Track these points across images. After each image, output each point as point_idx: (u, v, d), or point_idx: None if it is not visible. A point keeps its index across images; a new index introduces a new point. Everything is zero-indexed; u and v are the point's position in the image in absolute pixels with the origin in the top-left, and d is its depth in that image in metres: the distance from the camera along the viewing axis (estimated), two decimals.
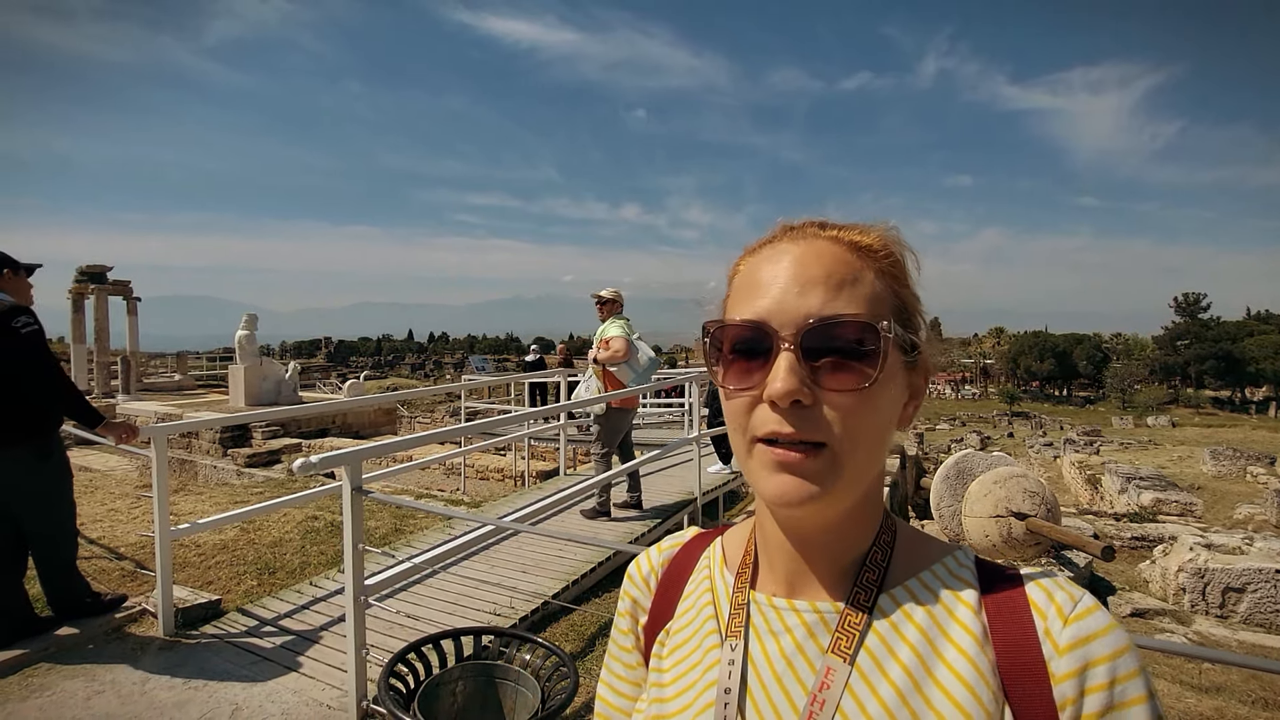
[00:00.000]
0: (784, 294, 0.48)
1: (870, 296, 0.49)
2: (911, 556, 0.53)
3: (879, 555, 0.52)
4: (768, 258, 0.52)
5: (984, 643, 0.47)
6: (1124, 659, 0.45)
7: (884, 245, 0.52)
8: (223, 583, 3.97)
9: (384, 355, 77.66)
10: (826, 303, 0.47)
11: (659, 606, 0.63)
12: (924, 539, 0.55)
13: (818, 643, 0.51)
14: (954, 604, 0.49)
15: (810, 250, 0.50)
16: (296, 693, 2.75)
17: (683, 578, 0.63)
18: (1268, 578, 5.22)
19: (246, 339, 13.14)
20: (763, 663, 0.52)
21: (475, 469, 9.74)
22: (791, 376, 0.46)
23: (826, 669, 0.49)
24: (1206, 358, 50.22)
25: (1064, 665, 0.45)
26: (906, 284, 0.53)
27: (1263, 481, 11.00)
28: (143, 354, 23.90)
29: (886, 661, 0.48)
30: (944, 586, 0.51)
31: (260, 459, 10.32)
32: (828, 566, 0.53)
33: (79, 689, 2.73)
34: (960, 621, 0.48)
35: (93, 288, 18.97)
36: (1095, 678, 0.44)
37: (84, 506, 5.48)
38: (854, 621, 0.50)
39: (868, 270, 0.50)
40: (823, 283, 0.48)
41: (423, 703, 1.77)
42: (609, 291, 5.21)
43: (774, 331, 0.47)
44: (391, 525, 5.20)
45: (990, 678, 0.46)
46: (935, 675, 0.46)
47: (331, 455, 2.44)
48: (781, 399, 0.46)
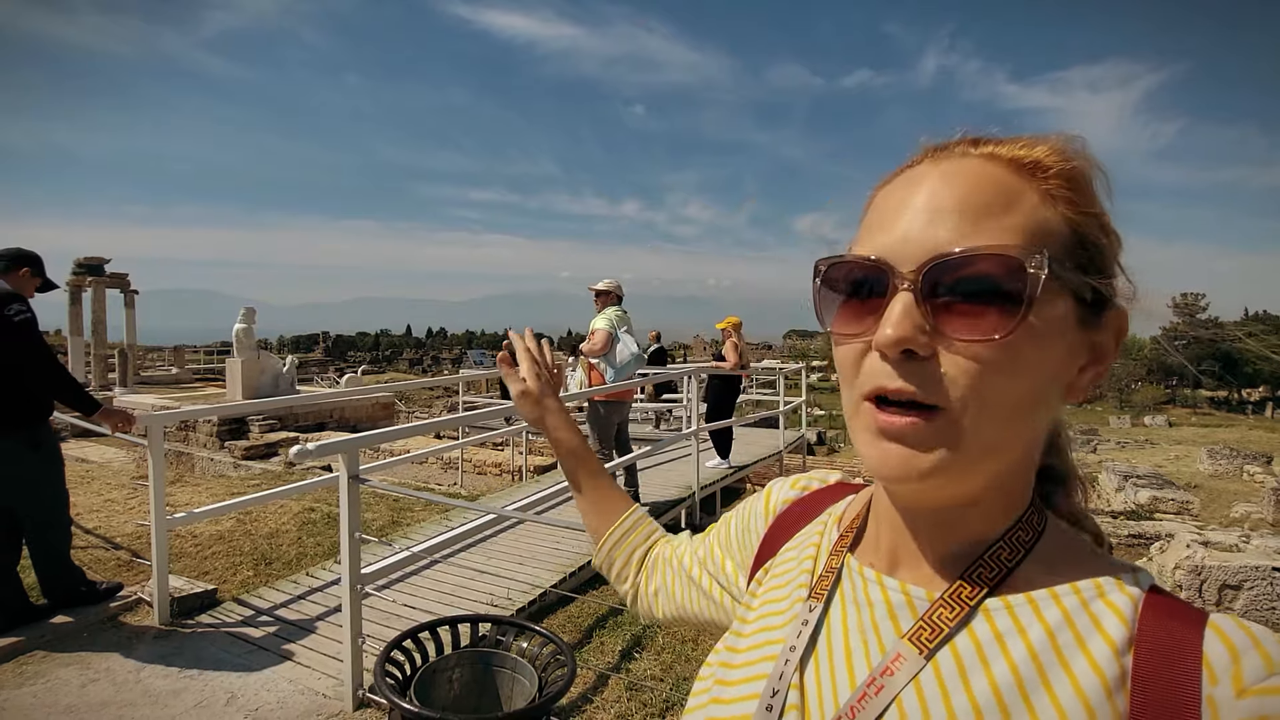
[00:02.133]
0: (910, 224, 0.40)
1: (1028, 227, 0.39)
2: (1058, 565, 0.43)
3: (1006, 552, 0.43)
4: (901, 185, 0.43)
5: (1115, 690, 0.37)
6: None
7: (1059, 160, 0.41)
8: (219, 573, 3.96)
9: (382, 350, 77.62)
10: (962, 234, 0.38)
11: (768, 541, 0.61)
12: (1087, 551, 0.45)
13: (896, 625, 0.45)
14: (1090, 632, 0.39)
15: (953, 170, 0.41)
16: (292, 681, 2.74)
17: (800, 522, 0.60)
18: (1264, 575, 5.23)
19: (244, 333, 13.10)
20: (838, 631, 0.47)
21: (473, 463, 9.72)
22: (905, 320, 0.38)
23: (896, 654, 0.43)
24: (1204, 357, 50.34)
25: None
26: (1090, 211, 0.42)
27: (1259, 480, 11.02)
28: (140, 347, 23.85)
29: (974, 671, 0.40)
30: (1085, 610, 0.40)
31: (257, 451, 10.29)
32: (935, 549, 0.45)
33: (74, 677, 2.72)
34: (1089, 655, 0.38)
35: (90, 280, 18.91)
36: None
37: (81, 497, 5.47)
38: (945, 615, 0.42)
39: (1030, 193, 0.40)
40: (958, 209, 0.39)
41: (419, 689, 1.75)
42: (604, 283, 5.20)
43: (890, 268, 0.40)
44: (389, 517, 5.18)
45: None
46: (1033, 706, 0.37)
47: (328, 443, 2.43)
48: (890, 347, 0.38)
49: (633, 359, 4.99)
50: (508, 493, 6.10)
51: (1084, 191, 0.42)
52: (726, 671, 0.52)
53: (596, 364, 5.04)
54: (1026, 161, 0.41)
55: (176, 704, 2.56)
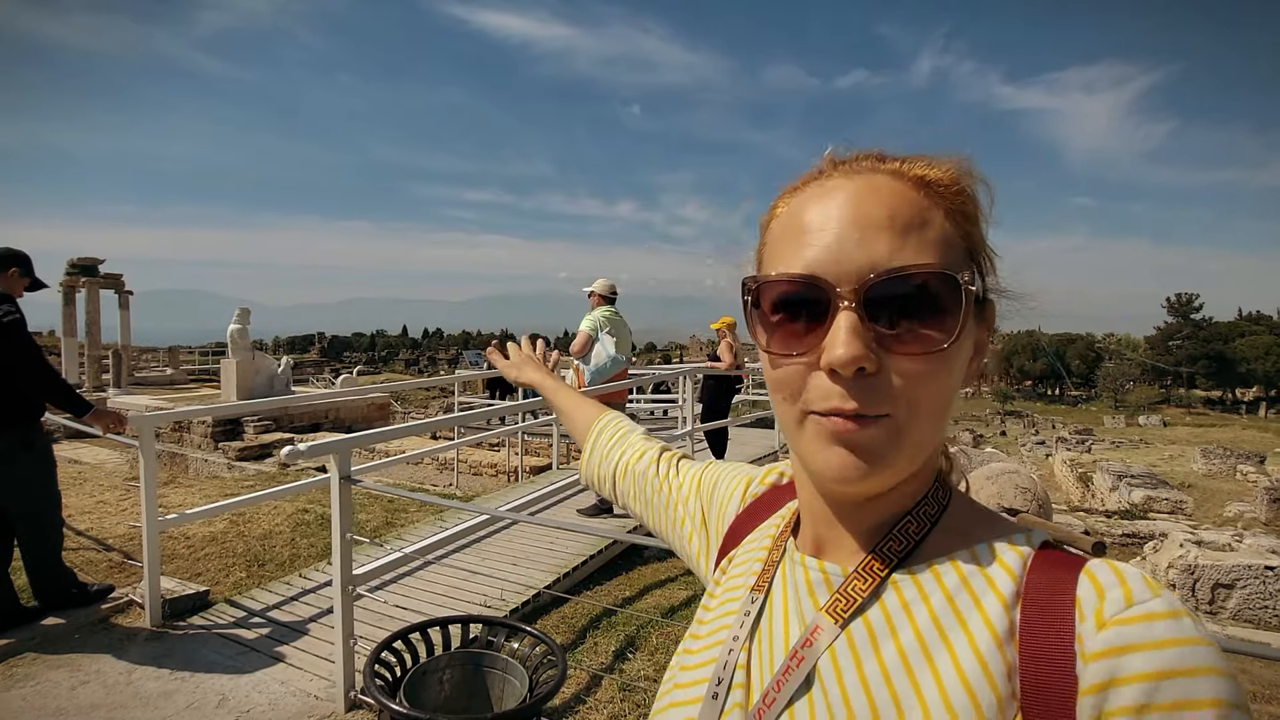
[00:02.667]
0: (840, 241, 0.41)
1: (941, 242, 0.42)
2: (959, 533, 0.46)
3: (913, 526, 0.46)
4: (815, 196, 0.44)
5: (1005, 642, 0.39)
6: (1182, 684, 0.34)
7: (955, 179, 0.44)
8: (211, 574, 3.94)
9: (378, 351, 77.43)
10: (894, 251, 0.40)
11: (734, 530, 0.63)
12: (985, 517, 0.48)
13: (815, 601, 0.48)
14: (984, 591, 0.41)
15: (868, 187, 0.43)
16: (284, 683, 2.73)
17: (763, 515, 0.62)
18: (1257, 574, 5.26)
19: (239, 333, 13.06)
20: (778, 615, 0.50)
21: (468, 464, 9.71)
22: (855, 340, 0.40)
23: (815, 626, 0.45)
24: (1198, 357, 50.58)
25: (1088, 677, 0.36)
26: (978, 224, 0.46)
27: (1252, 480, 11.08)
28: (134, 348, 23.74)
29: (884, 639, 0.43)
30: (981, 572, 0.43)
31: (251, 452, 10.26)
32: (853, 529, 0.48)
33: (64, 679, 2.70)
34: (984, 612, 0.41)
35: (84, 281, 18.82)
36: (1117, 699, 0.34)
37: (73, 498, 5.44)
38: (859, 587, 0.45)
39: (936, 210, 0.43)
40: (887, 226, 0.41)
41: (409, 690, 1.75)
42: (597, 284, 5.20)
43: (830, 287, 0.41)
44: (383, 519, 5.17)
45: (1000, 683, 0.38)
46: (936, 665, 0.40)
47: (320, 444, 2.42)
48: (844, 367, 0.40)
49: (609, 361, 4.96)
50: (502, 493, 6.09)
51: (976, 207, 0.46)
52: (686, 658, 0.56)
53: (578, 365, 5.06)
54: (930, 180, 0.44)
55: (167, 706, 2.55)
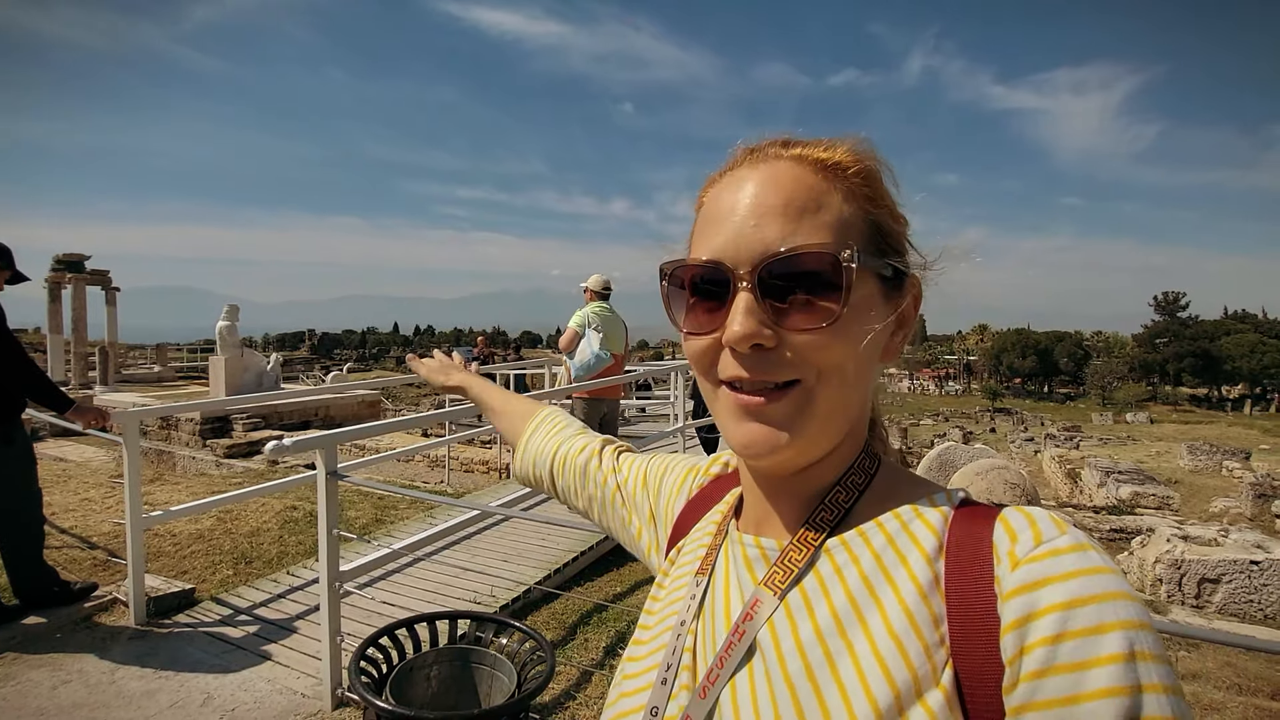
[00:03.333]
0: (739, 228, 0.45)
1: (836, 223, 0.45)
2: (886, 498, 0.49)
3: (842, 495, 0.49)
4: (727, 186, 0.48)
5: (929, 592, 0.41)
6: (1091, 609, 0.35)
7: (854, 161, 0.47)
8: (198, 572, 3.89)
9: (369, 348, 76.97)
10: (785, 235, 0.44)
11: (683, 519, 0.64)
12: (910, 481, 0.50)
13: (753, 575, 0.49)
14: (909, 548, 0.44)
15: (770, 175, 0.46)
16: (270, 681, 2.70)
17: (708, 505, 0.63)
18: (1242, 569, 5.31)
19: (228, 330, 12.93)
20: (720, 596, 0.51)
21: (459, 461, 9.66)
22: (749, 319, 0.43)
23: (754, 599, 0.47)
24: (1185, 355, 51.12)
25: (1007, 615, 0.38)
26: (883, 203, 0.48)
27: (1238, 476, 11.22)
28: (122, 345, 23.48)
29: (817, 602, 0.45)
30: (905, 530, 0.45)
31: (240, 450, 10.17)
32: (788, 504, 0.51)
33: (45, 678, 2.66)
34: (909, 567, 0.43)
35: (70, 277, 18.58)
36: (1034, 632, 0.36)
37: (57, 496, 5.36)
38: (794, 558, 0.47)
39: (834, 193, 0.46)
40: (780, 212, 0.44)
41: (396, 687, 1.73)
42: (590, 280, 5.19)
43: (730, 270, 0.44)
44: (373, 515, 5.13)
45: (927, 631, 0.40)
46: (867, 621, 0.42)
47: (305, 439, 2.39)
48: (739, 343, 0.43)
49: (593, 358, 4.94)
50: (494, 489, 6.07)
51: (877, 187, 0.48)
52: (636, 648, 0.57)
53: (566, 361, 5.06)
54: (829, 163, 0.47)
55: (150, 705, 2.51)
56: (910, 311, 0.50)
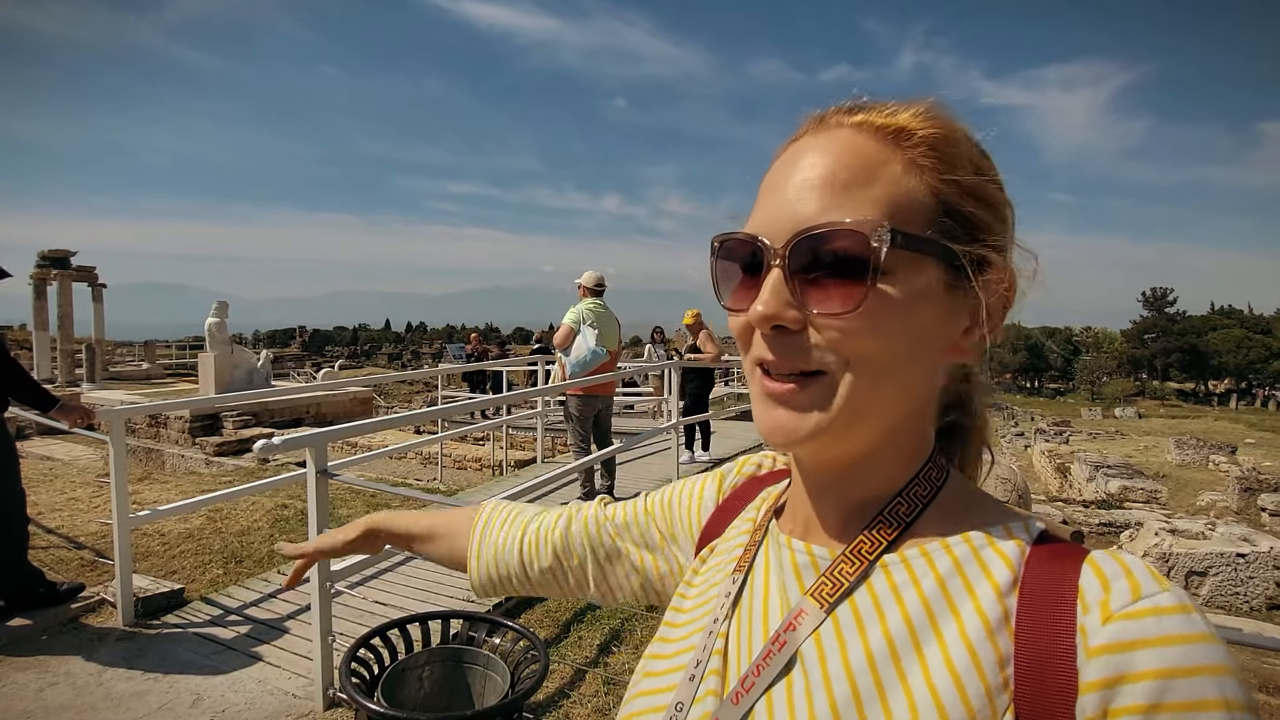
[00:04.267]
0: (781, 201, 0.42)
1: (889, 198, 0.40)
2: (954, 517, 0.44)
3: (904, 507, 0.45)
4: (786, 159, 0.44)
5: (997, 630, 0.38)
6: (1190, 683, 0.32)
7: (923, 126, 0.42)
8: (187, 572, 3.86)
9: (360, 345, 76.53)
10: (824, 209, 0.40)
11: (715, 520, 0.62)
12: (983, 502, 0.46)
13: (801, 583, 0.46)
14: (978, 578, 0.40)
15: (825, 144, 0.42)
16: (261, 682, 2.68)
17: (744, 502, 0.61)
18: (1229, 561, 5.38)
19: (217, 326, 12.80)
20: (758, 597, 0.49)
21: (453, 458, 9.62)
22: (772, 298, 0.41)
23: (799, 610, 0.44)
24: (1172, 351, 51.65)
25: (1091, 672, 0.34)
26: (955, 177, 0.42)
27: (1224, 470, 11.34)
28: (110, 342, 23.23)
29: (870, 624, 0.41)
30: (975, 558, 0.41)
31: (230, 448, 10.08)
32: (837, 509, 0.47)
33: (31, 681, 2.63)
34: (976, 599, 0.39)
35: (55, 273, 18.35)
36: (1126, 698, 0.33)
37: (43, 495, 5.30)
38: (846, 570, 0.44)
39: (894, 163, 0.41)
40: (823, 185, 0.41)
41: (387, 689, 1.71)
42: (584, 276, 5.18)
43: (765, 246, 0.42)
44: (364, 513, 5.10)
45: (991, 673, 0.37)
46: (924, 653, 0.39)
47: (294, 437, 2.36)
48: (759, 323, 0.41)
49: (590, 354, 4.92)
50: (486, 487, 6.05)
51: (948, 158, 0.42)
52: (662, 646, 0.54)
53: (560, 357, 5.04)
54: (892, 129, 0.42)
55: (139, 707, 2.49)
56: (995, 307, 0.44)
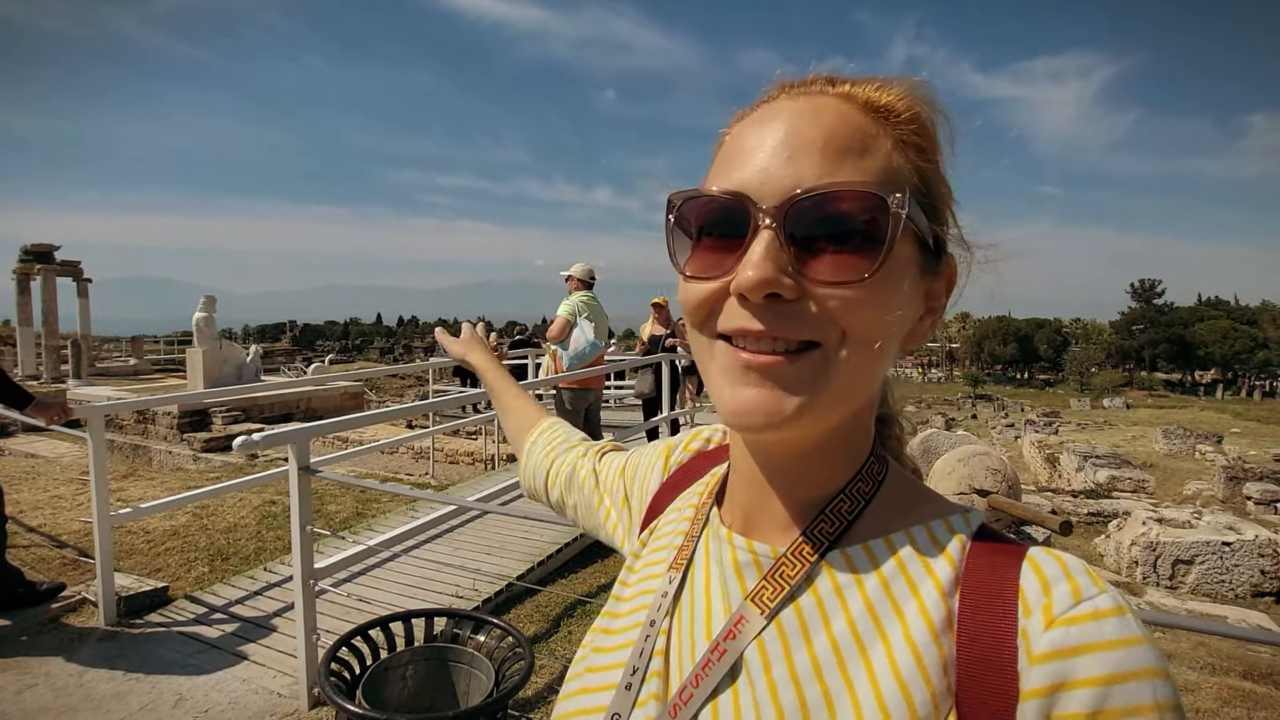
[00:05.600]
0: (769, 160, 0.38)
1: (883, 170, 0.38)
2: (895, 512, 0.44)
3: (846, 505, 0.43)
4: (758, 120, 0.41)
5: (941, 633, 0.37)
6: (1127, 689, 0.33)
7: (909, 107, 0.41)
8: (172, 570, 3.81)
9: (351, 339, 76.02)
10: (823, 173, 0.37)
11: (659, 497, 0.59)
12: (921, 495, 0.45)
13: (743, 584, 0.44)
14: (921, 579, 0.39)
15: (809, 107, 0.40)
16: (245, 681, 2.65)
17: (686, 482, 0.58)
18: (1214, 550, 5.43)
19: (205, 321, 12.67)
20: (699, 595, 0.46)
21: (445, 453, 9.58)
22: (767, 262, 0.36)
23: (739, 616, 0.42)
24: (1160, 342, 52.14)
25: (1033, 679, 0.34)
26: (933, 160, 0.42)
27: (1210, 459, 11.46)
28: (96, 338, 22.94)
29: (815, 628, 0.40)
30: (918, 556, 0.41)
31: (219, 444, 9.99)
32: (785, 506, 0.45)
33: (9, 682, 2.58)
34: (920, 602, 0.39)
35: (39, 268, 18.09)
36: (1069, 704, 0.33)
37: (25, 493, 5.23)
38: (788, 573, 0.42)
39: (884, 138, 0.40)
40: (820, 147, 0.38)
41: (370, 688, 1.69)
42: (575, 269, 5.12)
43: (752, 204, 0.37)
44: (353, 509, 5.06)
45: (935, 677, 0.36)
46: (870, 657, 0.38)
47: (275, 433, 2.32)
48: (752, 290, 0.36)
49: (588, 346, 4.90)
50: (477, 481, 6.01)
51: (931, 139, 0.42)
52: (602, 638, 0.51)
53: (555, 350, 4.99)
54: (879, 105, 0.41)
55: (120, 708, 2.45)
56: (942, 294, 0.44)
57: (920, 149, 0.41)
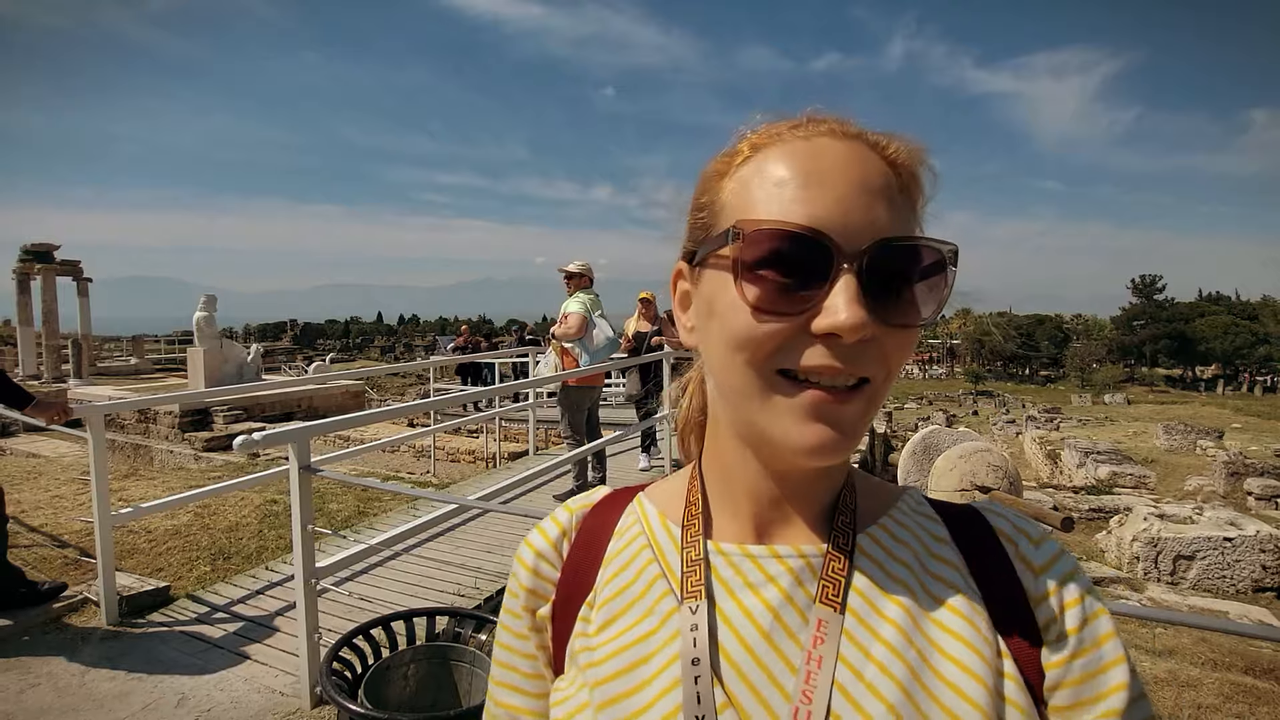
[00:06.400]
0: (847, 200, 0.39)
1: (917, 221, 0.44)
2: (873, 498, 0.51)
3: (849, 497, 0.49)
4: (807, 151, 0.42)
5: (966, 575, 0.46)
6: (1080, 577, 0.46)
7: (910, 162, 0.44)
8: (173, 569, 3.81)
9: (352, 338, 76.01)
10: (894, 221, 0.40)
11: (571, 577, 0.52)
12: (876, 482, 0.53)
13: (806, 591, 0.45)
14: (930, 541, 0.48)
15: (860, 153, 0.42)
16: (247, 680, 2.65)
17: (601, 540, 0.53)
18: (1215, 545, 5.42)
19: (205, 320, 12.67)
20: (742, 621, 0.44)
21: (446, 451, 9.59)
22: (859, 308, 0.38)
23: (818, 621, 0.43)
24: (1160, 337, 52.07)
25: (1043, 585, 0.45)
26: (921, 211, 0.46)
27: (1211, 455, 11.44)
28: (97, 337, 22.96)
29: (881, 602, 0.44)
30: (916, 523, 0.49)
31: (220, 443, 9.99)
32: (807, 509, 0.48)
33: (11, 682, 2.58)
34: (942, 557, 0.47)
35: (39, 267, 18.09)
36: (1070, 593, 0.45)
37: (26, 493, 5.23)
38: (837, 567, 0.45)
39: (898, 189, 0.43)
40: (886, 196, 0.41)
41: (372, 688, 1.69)
42: (575, 265, 5.10)
43: (836, 246, 0.38)
44: (355, 508, 5.06)
45: (980, 608, 0.44)
46: (931, 613, 0.44)
47: (275, 432, 2.31)
48: (850, 333, 0.38)
49: (608, 343, 4.92)
50: (478, 480, 6.01)
51: (922, 195, 0.45)
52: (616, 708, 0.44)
53: (570, 348, 4.95)
54: (896, 161, 0.43)
55: (122, 708, 2.45)
56: None
57: (913, 202, 0.45)
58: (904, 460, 6.84)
